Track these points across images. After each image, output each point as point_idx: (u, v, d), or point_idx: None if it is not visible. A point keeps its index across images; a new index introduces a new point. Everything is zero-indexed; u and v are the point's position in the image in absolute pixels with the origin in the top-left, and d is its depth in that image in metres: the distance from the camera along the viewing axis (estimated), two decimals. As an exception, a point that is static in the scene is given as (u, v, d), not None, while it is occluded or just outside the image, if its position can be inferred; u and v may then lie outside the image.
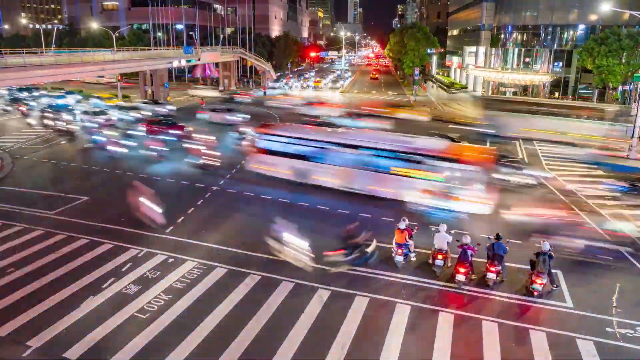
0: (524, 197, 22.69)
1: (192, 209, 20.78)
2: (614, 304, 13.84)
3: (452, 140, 27.82)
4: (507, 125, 34.31)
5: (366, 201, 21.52)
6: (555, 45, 49.97)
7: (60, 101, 45.66)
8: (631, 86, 45.20)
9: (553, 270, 15.22)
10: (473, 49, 70.73)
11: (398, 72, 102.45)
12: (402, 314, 13.22)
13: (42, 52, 42.11)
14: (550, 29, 49.93)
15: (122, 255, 16.35)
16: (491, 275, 14.56)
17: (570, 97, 50.50)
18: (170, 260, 16.08)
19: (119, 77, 58.62)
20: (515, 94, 54.02)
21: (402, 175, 20.56)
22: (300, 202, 21.72)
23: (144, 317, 12.87)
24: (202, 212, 20.51)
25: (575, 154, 30.39)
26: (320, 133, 23.90)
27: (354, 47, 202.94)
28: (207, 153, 26.78)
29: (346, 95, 66.47)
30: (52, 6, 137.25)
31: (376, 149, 21.17)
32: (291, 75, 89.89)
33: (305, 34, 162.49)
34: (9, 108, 46.98)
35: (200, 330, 12.34)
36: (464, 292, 14.34)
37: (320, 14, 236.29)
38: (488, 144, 32.16)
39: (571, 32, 49.21)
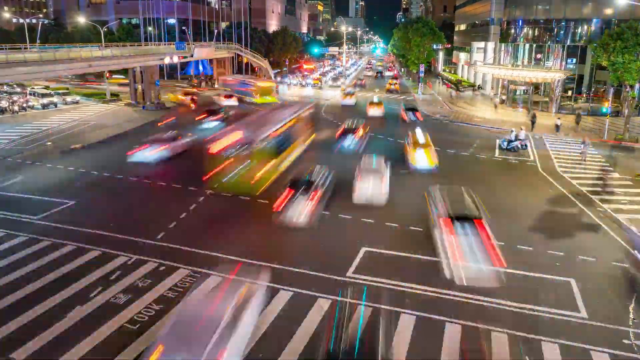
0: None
1: (184, 213, 20.82)
2: (631, 315, 13.89)
3: None
4: None
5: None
6: (568, 40, 50.09)
7: None
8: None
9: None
10: (481, 44, 70.85)
11: (402, 70, 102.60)
12: (407, 324, 13.26)
13: (26, 48, 42.18)
14: (563, 23, 50.07)
15: (111, 262, 16.38)
16: None
17: (585, 94, 50.63)
18: (162, 268, 16.12)
19: (108, 75, 58.72)
20: (525, 92, 54.11)
21: None
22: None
23: (134, 328, 12.89)
24: (195, 217, 20.56)
25: None
26: None
27: (356, 43, 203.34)
28: None
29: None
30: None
31: None
32: (288, 73, 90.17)
33: (304, 29, 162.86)
34: None
35: (193, 342, 12.35)
36: (472, 301, 14.38)
37: (320, 8, 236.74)
38: None
39: (585, 27, 49.35)
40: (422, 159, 27.44)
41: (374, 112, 45.60)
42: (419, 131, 30.66)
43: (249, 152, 22.63)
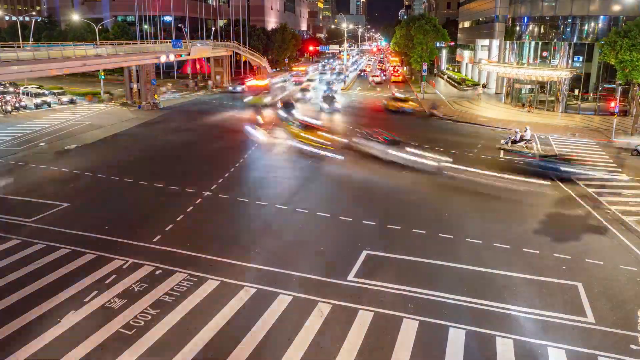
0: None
1: (181, 216, 20.84)
2: (639, 319, 13.89)
3: None
4: None
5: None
6: (575, 38, 50.07)
7: None
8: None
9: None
10: (486, 42, 70.91)
11: (404, 68, 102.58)
12: (409, 329, 13.28)
13: (19, 47, 42.25)
14: (569, 20, 50.06)
15: (106, 266, 16.40)
16: None
17: (592, 94, 50.59)
18: (158, 271, 16.13)
19: (102, 73, 58.77)
20: (531, 91, 54.12)
21: None
22: (299, 208, 21.84)
23: (130, 333, 12.91)
24: (192, 220, 20.58)
25: None
26: None
27: (357, 40, 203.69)
28: None
29: (349, 93, 66.60)
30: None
31: None
32: (286, 72, 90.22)
33: (304, 26, 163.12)
34: None
35: (190, 347, 12.36)
36: (477, 306, 14.39)
37: (320, 5, 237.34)
38: None
39: (592, 24, 49.33)
40: None
41: None
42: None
43: None
